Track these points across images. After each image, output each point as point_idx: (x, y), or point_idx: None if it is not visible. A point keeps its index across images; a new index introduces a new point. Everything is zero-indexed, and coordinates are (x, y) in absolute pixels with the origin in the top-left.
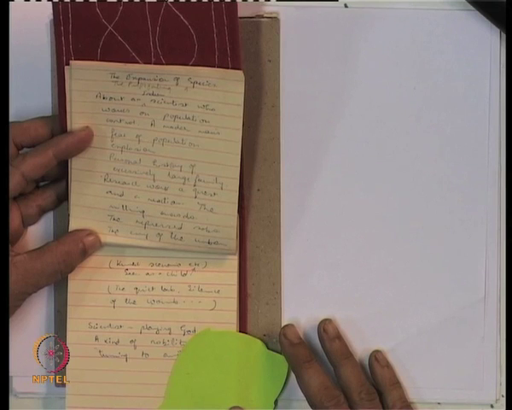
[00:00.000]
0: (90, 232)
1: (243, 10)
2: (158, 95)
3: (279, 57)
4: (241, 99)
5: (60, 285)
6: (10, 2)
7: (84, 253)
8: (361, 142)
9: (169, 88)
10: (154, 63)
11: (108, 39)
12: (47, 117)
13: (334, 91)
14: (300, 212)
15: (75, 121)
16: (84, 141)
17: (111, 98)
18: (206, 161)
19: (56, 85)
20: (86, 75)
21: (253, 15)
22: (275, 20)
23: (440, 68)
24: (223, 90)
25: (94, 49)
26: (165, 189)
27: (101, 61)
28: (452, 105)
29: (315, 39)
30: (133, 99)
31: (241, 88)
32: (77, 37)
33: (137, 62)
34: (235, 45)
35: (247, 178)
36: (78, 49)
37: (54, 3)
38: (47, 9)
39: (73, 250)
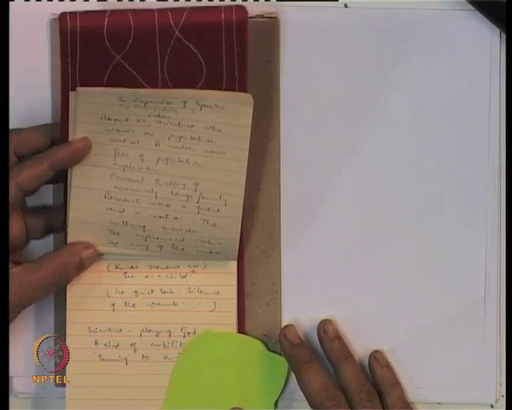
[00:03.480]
0: (88, 246)
1: None
2: (164, 117)
3: (279, 57)
4: (248, 121)
5: None
6: (10, 2)
7: (81, 266)
8: (361, 141)
9: (176, 110)
10: (161, 87)
11: (116, 67)
12: (48, 125)
13: (334, 91)
14: (300, 212)
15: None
16: (81, 152)
17: (116, 119)
18: (211, 180)
19: (56, 82)
20: (92, 99)
21: (253, 15)
22: (275, 20)
23: (440, 68)
24: (230, 112)
25: (100, 76)
26: (168, 205)
27: (107, 86)
28: (452, 105)
29: (315, 39)
30: (138, 120)
31: (249, 110)
32: (83, 66)
33: (144, 87)
34: (244, 71)
35: (247, 178)
36: (85, 76)
37: (62, 33)
38: (47, 9)
39: (70, 263)
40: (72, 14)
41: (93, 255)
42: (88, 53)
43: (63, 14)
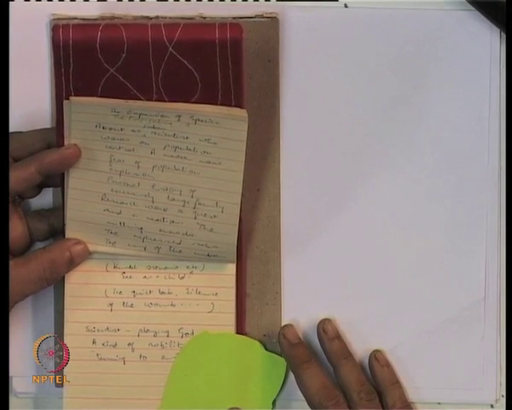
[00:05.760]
0: (78, 241)
1: (243, 10)
2: (159, 128)
3: (279, 57)
4: (244, 136)
5: (59, 286)
6: (10, 2)
7: (71, 262)
8: (361, 141)
9: (170, 123)
10: (156, 100)
11: (110, 79)
12: (46, 130)
13: (334, 91)
14: (300, 212)
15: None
16: (70, 158)
17: (111, 128)
18: (207, 188)
19: (55, 85)
20: (86, 109)
21: (253, 15)
22: (275, 20)
23: (440, 68)
24: (225, 127)
25: (94, 87)
26: (164, 210)
27: (101, 97)
28: (452, 105)
29: (315, 39)
30: (133, 130)
31: (244, 126)
32: (77, 77)
33: (139, 99)
34: (240, 86)
35: (247, 178)
36: (79, 87)
37: (54, 45)
38: (47, 9)
39: (60, 258)
40: (65, 26)
41: (83, 251)
42: (81, 65)
43: (56, 26)
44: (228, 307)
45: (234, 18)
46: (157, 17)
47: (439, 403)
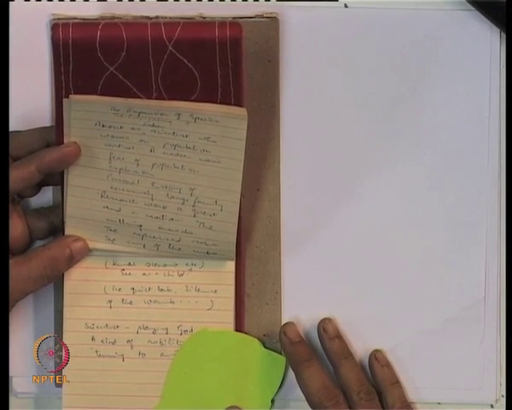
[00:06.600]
0: (78, 238)
1: (243, 10)
2: (158, 126)
3: (279, 57)
4: (243, 134)
5: (59, 285)
6: (10, 2)
7: (71, 259)
8: (361, 141)
9: (170, 121)
10: (156, 98)
11: (109, 78)
12: (45, 128)
13: (334, 91)
14: (300, 212)
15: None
16: (69, 156)
17: (110, 126)
18: (206, 186)
19: (54, 83)
20: (86, 107)
21: (253, 15)
22: (275, 20)
23: (440, 68)
24: (225, 125)
25: (94, 86)
26: (164, 207)
27: (101, 95)
28: (452, 105)
29: (315, 39)
30: (133, 128)
31: (243, 124)
32: (77, 75)
33: (139, 97)
34: (239, 85)
35: (247, 178)
36: (78, 85)
37: (54, 43)
38: (47, 9)
39: (59, 256)
40: (65, 24)
41: (83, 248)
42: (81, 63)
43: (56, 25)
44: (227, 305)
45: (234, 18)
46: (157, 17)
47: (439, 403)
